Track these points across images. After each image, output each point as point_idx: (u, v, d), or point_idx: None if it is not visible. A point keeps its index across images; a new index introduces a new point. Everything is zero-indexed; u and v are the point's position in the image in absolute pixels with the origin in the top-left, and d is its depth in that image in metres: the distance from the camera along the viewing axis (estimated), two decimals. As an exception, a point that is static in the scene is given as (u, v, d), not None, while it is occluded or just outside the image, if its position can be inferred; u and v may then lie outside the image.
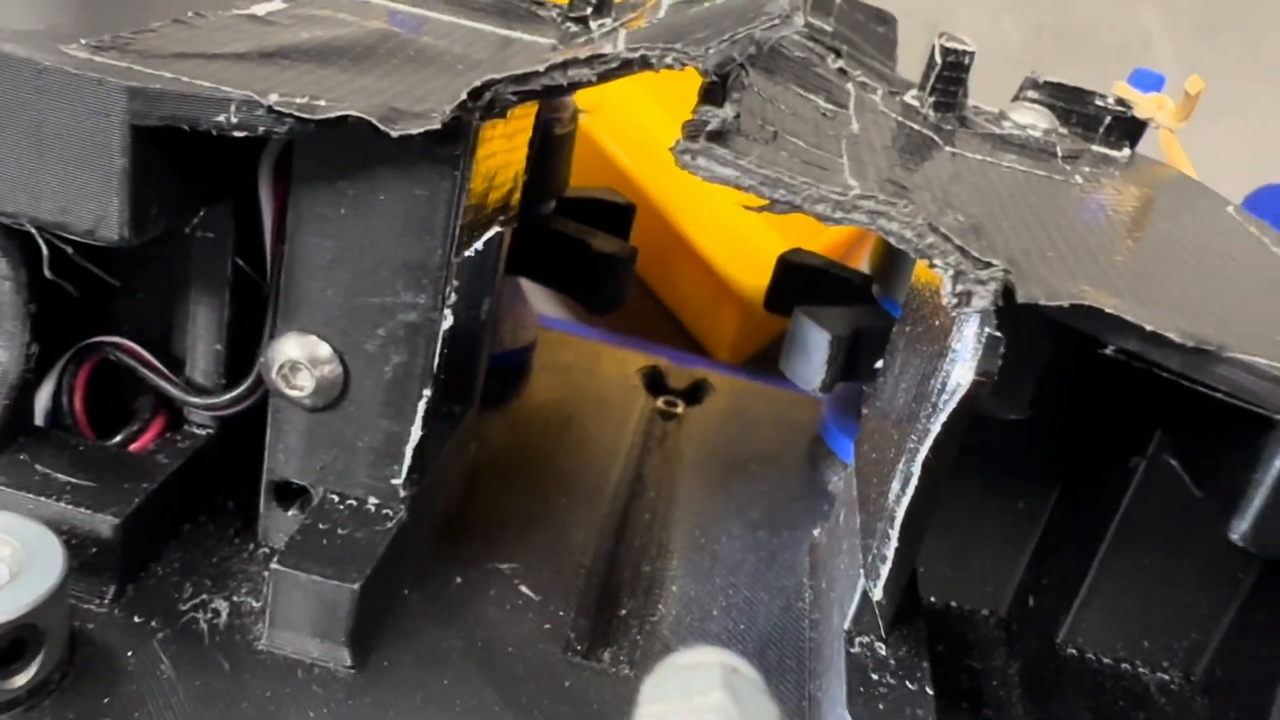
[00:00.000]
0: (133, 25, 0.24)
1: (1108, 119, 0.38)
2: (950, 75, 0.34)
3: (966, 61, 0.34)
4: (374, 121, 0.21)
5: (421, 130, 0.21)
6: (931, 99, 0.34)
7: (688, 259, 0.56)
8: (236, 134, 0.21)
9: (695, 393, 0.42)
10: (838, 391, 0.39)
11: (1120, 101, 0.38)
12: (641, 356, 0.44)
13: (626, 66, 0.20)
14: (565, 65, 0.21)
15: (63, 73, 0.20)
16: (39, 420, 0.27)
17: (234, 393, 0.26)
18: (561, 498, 0.33)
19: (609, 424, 0.38)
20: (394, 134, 0.21)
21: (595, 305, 0.37)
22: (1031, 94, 0.38)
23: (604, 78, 0.21)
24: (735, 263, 0.54)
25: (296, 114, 0.21)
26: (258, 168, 0.25)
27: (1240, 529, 0.21)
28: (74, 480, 0.25)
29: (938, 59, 0.34)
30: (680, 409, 0.41)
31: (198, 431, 0.28)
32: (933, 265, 0.20)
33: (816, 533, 0.34)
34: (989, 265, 0.20)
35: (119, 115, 0.20)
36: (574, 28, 0.34)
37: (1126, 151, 0.37)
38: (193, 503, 0.28)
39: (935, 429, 0.22)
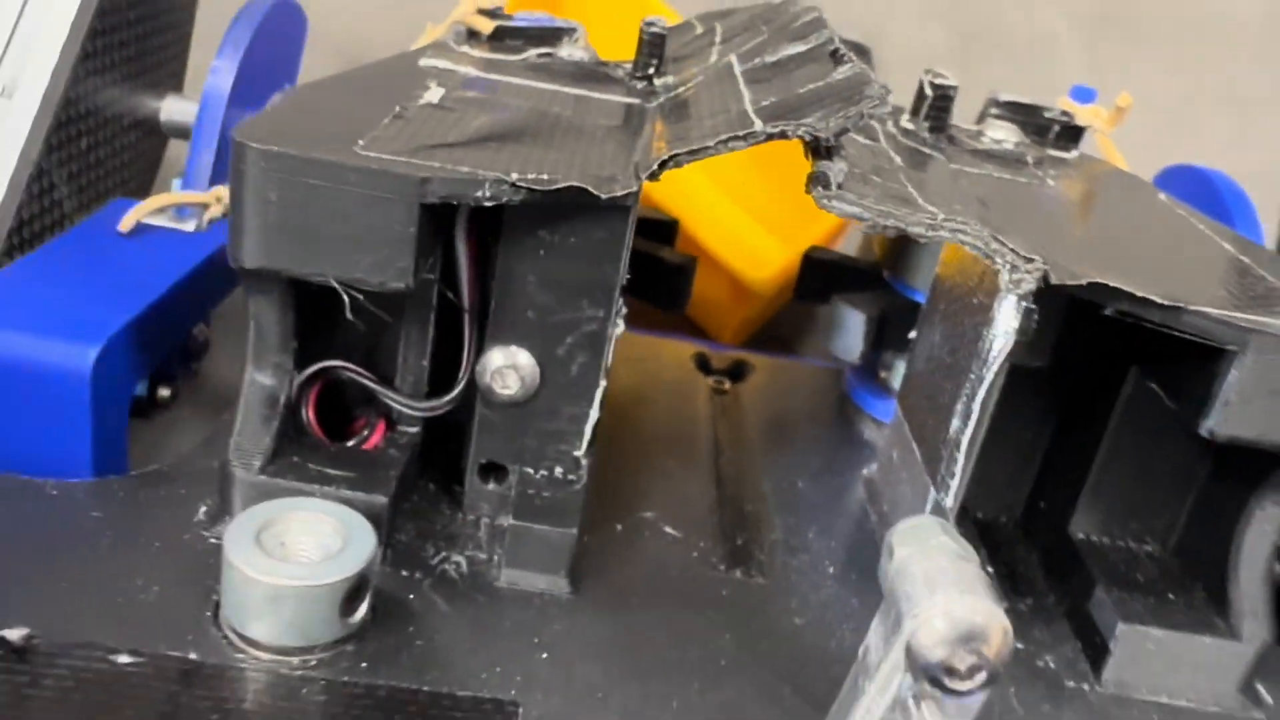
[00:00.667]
0: (358, 125, 0.31)
1: (1056, 127, 0.46)
2: (940, 105, 0.42)
3: (952, 94, 0.42)
4: (590, 189, 0.28)
5: (625, 192, 0.28)
6: (926, 124, 0.42)
7: (692, 252, 0.64)
8: (487, 204, 0.28)
9: (739, 372, 0.50)
10: (863, 362, 0.47)
11: (1064, 112, 0.47)
12: (687, 346, 0.52)
13: (769, 138, 0.28)
14: (727, 140, 0.28)
15: (368, 170, 0.27)
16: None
17: (448, 397, 0.33)
18: (668, 459, 0.41)
19: (681, 400, 0.46)
20: (604, 197, 0.28)
21: (669, 306, 0.45)
22: (995, 111, 0.47)
23: (749, 144, 0.29)
24: (738, 260, 0.62)
25: (532, 186, 0.28)
26: (454, 225, 0.32)
27: (1207, 425, 0.30)
28: (341, 473, 0.32)
29: (929, 92, 0.43)
30: (728, 386, 0.49)
31: (409, 430, 0.35)
32: (995, 263, 0.28)
33: (866, 471, 0.42)
34: (1031, 260, 0.28)
35: (412, 197, 0.27)
36: (641, 84, 0.42)
37: (1075, 153, 0.46)
38: (411, 486, 0.35)
39: (989, 376, 0.31)
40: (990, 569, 0.33)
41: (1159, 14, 0.85)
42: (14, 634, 0.26)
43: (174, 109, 0.51)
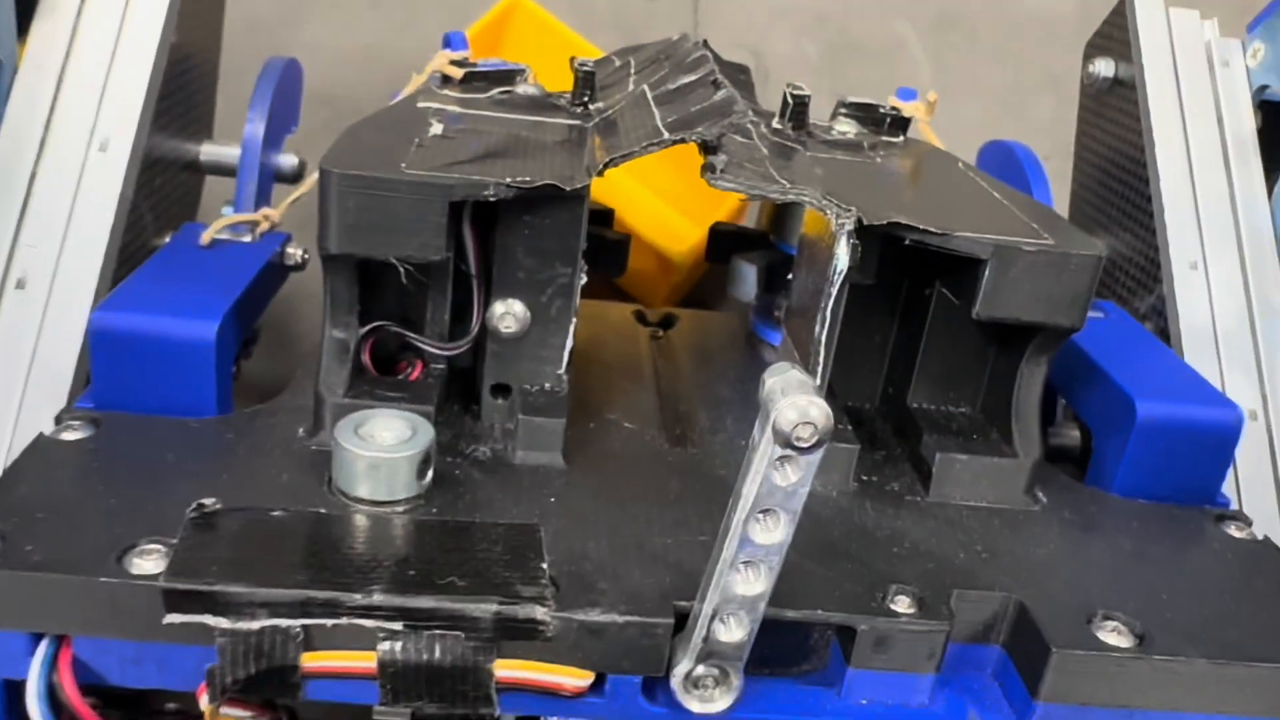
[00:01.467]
0: (396, 153, 0.43)
1: (888, 119, 0.60)
2: (798, 109, 0.56)
3: (807, 101, 0.56)
4: (559, 185, 0.41)
5: (581, 185, 0.42)
6: (790, 124, 0.56)
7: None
8: (491, 199, 0.41)
9: (669, 322, 0.64)
10: (757, 303, 0.61)
11: (894, 108, 0.61)
12: (629, 306, 0.65)
13: (674, 143, 0.42)
14: (646, 145, 0.42)
15: (414, 183, 0.40)
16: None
17: (466, 339, 0.46)
18: (622, 381, 0.54)
19: (628, 343, 0.59)
20: (568, 189, 0.41)
21: (613, 272, 0.58)
22: (843, 110, 0.61)
23: (661, 148, 0.42)
24: (661, 239, 0.76)
25: (521, 185, 0.41)
26: (462, 216, 0.45)
27: (975, 311, 0.43)
28: (402, 394, 0.44)
29: (790, 100, 0.56)
30: (661, 333, 0.63)
31: (438, 367, 0.47)
32: (826, 213, 0.42)
33: (765, 375, 0.56)
34: (849, 209, 0.42)
35: (443, 198, 0.40)
36: (579, 110, 0.55)
37: (901, 138, 0.60)
38: (444, 405, 0.47)
39: (834, 291, 0.44)
40: (853, 430, 0.47)
41: (987, 16, 1.01)
42: (208, 501, 0.38)
43: (212, 152, 0.63)
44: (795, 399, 0.33)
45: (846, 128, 0.57)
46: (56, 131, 0.53)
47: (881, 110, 0.60)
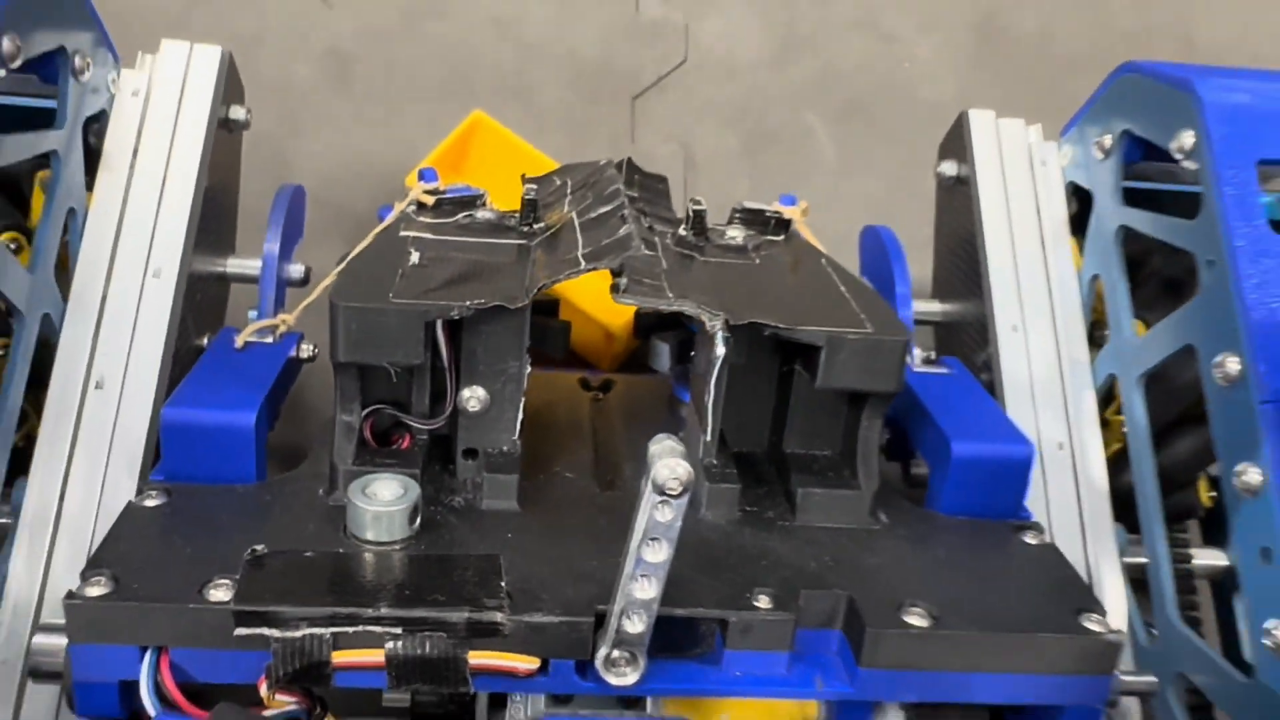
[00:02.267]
0: (385, 284, 0.57)
1: (772, 221, 0.75)
2: (697, 219, 0.70)
3: (704, 213, 0.70)
4: (506, 305, 0.55)
5: (522, 304, 0.55)
6: (691, 231, 0.70)
7: (575, 313, 0.92)
8: (455, 317, 0.55)
9: (607, 387, 0.78)
10: (675, 372, 0.75)
11: (776, 211, 0.76)
12: (574, 375, 0.79)
13: (590, 270, 0.56)
14: (569, 274, 0.56)
15: (399, 310, 0.54)
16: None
17: (443, 417, 0.60)
18: (568, 440, 0.68)
19: (574, 406, 0.73)
20: (513, 308, 0.55)
21: (555, 352, 0.73)
22: (737, 215, 0.75)
23: (579, 275, 0.56)
24: (604, 315, 0.90)
25: (476, 305, 0.55)
26: (435, 328, 0.59)
27: (818, 383, 0.57)
28: (395, 460, 0.58)
29: (691, 212, 0.71)
30: (600, 396, 0.77)
31: (422, 439, 0.61)
32: (699, 317, 0.56)
33: (650, 444, 0.69)
34: (718, 314, 0.56)
35: (421, 318, 0.54)
36: (525, 229, 0.69)
37: (783, 236, 0.74)
38: (427, 467, 0.61)
39: (715, 371, 0.58)
40: (738, 471, 0.61)
41: (883, 105, 1.16)
42: (259, 548, 0.52)
43: (236, 265, 0.77)
44: (668, 461, 0.46)
45: (735, 233, 0.71)
46: (120, 263, 0.67)
47: (767, 214, 0.75)
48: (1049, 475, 0.68)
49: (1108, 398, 0.74)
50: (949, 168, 0.82)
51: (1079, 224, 0.77)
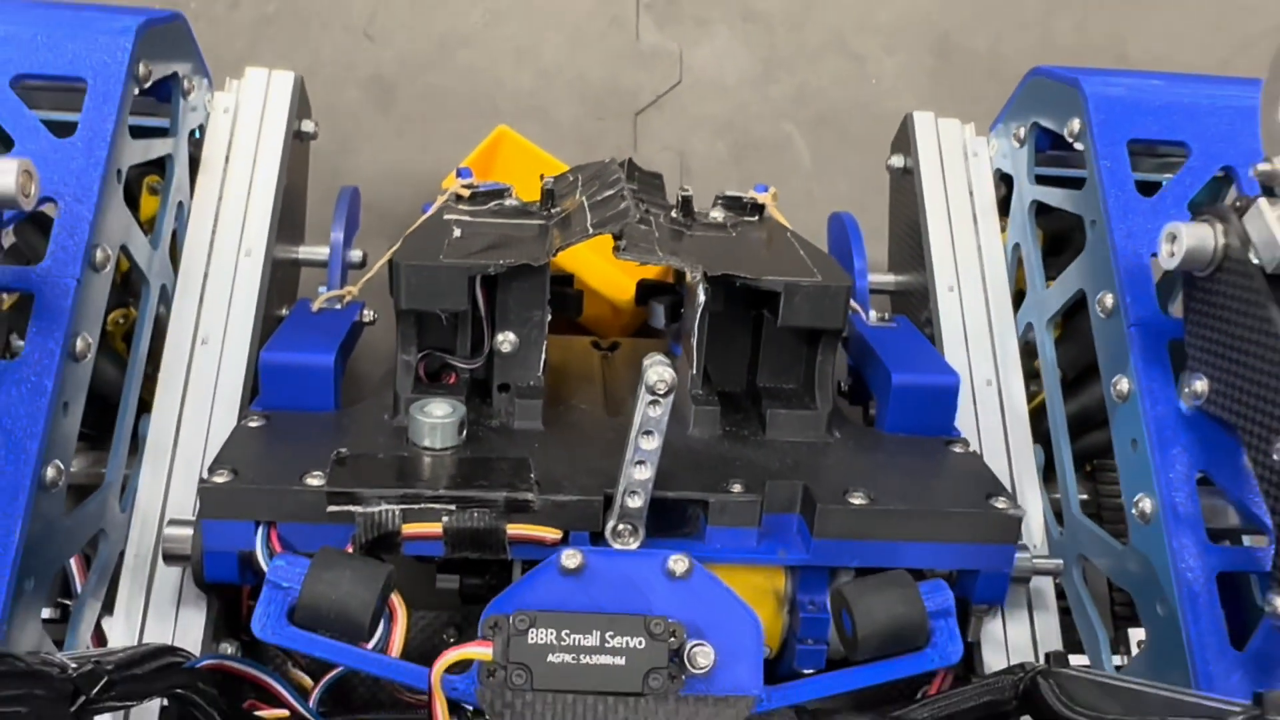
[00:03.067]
0: (437, 248, 0.70)
1: (749, 204, 0.88)
2: (686, 203, 0.83)
3: (691, 199, 0.83)
4: (531, 263, 0.68)
5: (545, 260, 0.69)
6: (681, 214, 0.84)
7: (587, 291, 1.05)
8: (492, 273, 0.68)
9: (614, 347, 0.91)
10: (670, 331, 0.88)
11: (752, 198, 0.89)
12: (587, 338, 0.92)
13: (595, 234, 0.69)
14: (580, 236, 0.69)
15: (450, 266, 0.67)
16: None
17: (482, 356, 0.73)
18: (582, 383, 0.80)
19: (587, 360, 0.86)
20: (535, 264, 0.69)
21: (572, 315, 0.86)
22: (720, 201, 0.88)
23: (590, 238, 0.70)
24: (610, 291, 1.03)
25: (509, 263, 0.68)
26: (476, 284, 0.72)
27: (780, 322, 0.70)
28: (445, 391, 0.71)
29: (680, 199, 0.84)
30: (609, 354, 0.90)
31: (465, 376, 0.74)
32: (687, 269, 0.69)
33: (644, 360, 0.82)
34: (699, 266, 0.69)
35: (465, 274, 0.67)
36: (544, 214, 0.82)
37: (757, 218, 0.87)
38: (470, 398, 0.74)
39: (698, 315, 0.71)
40: (721, 401, 0.74)
41: (854, 116, 1.29)
42: (343, 450, 0.65)
43: (307, 251, 0.91)
44: (656, 369, 0.59)
45: (718, 214, 0.85)
46: (218, 245, 0.80)
47: (745, 199, 0.88)
48: (980, 406, 0.80)
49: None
50: (897, 160, 0.95)
51: (1007, 205, 0.90)
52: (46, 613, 0.67)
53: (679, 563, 0.55)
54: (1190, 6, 1.41)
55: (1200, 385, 0.64)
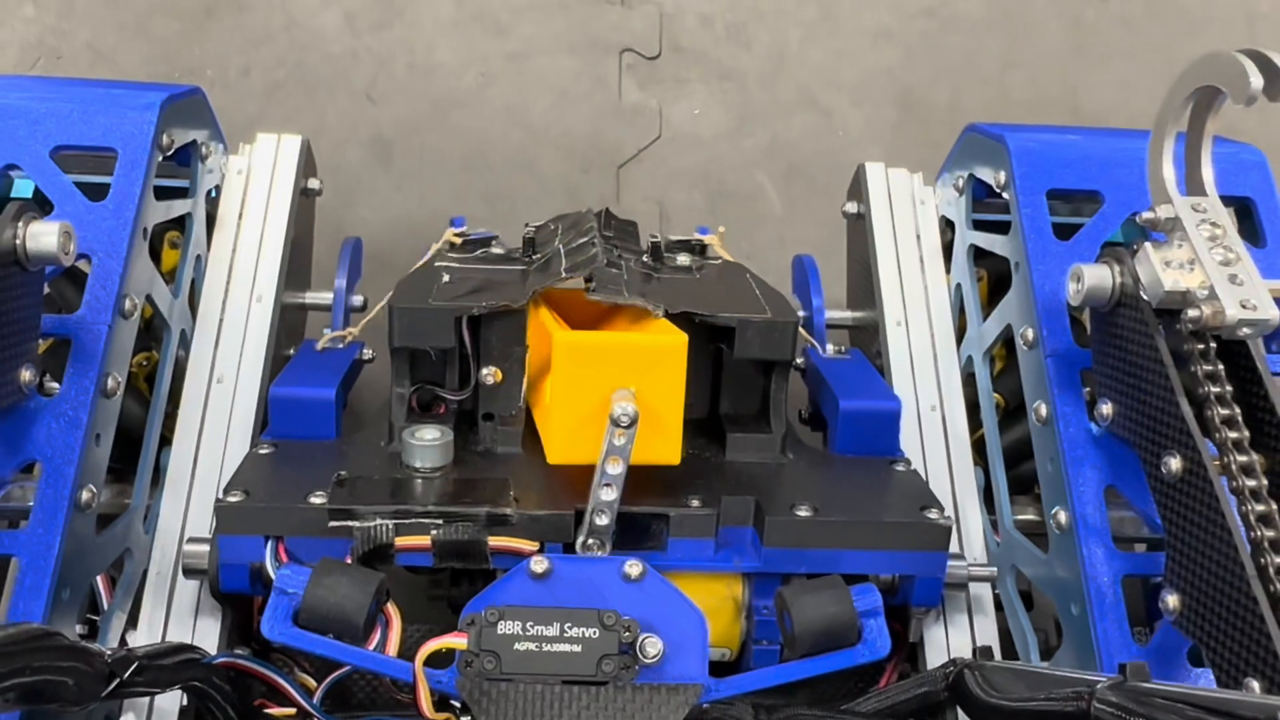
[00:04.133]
0: (427, 292, 0.78)
1: (699, 246, 0.96)
2: (655, 249, 0.91)
3: (660, 244, 0.91)
4: (511, 305, 0.76)
5: (523, 303, 0.76)
6: (651, 257, 0.91)
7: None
8: (477, 314, 0.76)
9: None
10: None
11: (699, 240, 0.96)
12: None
13: (567, 279, 0.77)
14: (555, 281, 0.77)
15: (439, 308, 0.75)
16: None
17: (468, 389, 0.80)
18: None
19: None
20: (517, 305, 0.76)
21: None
22: (676, 245, 0.96)
23: (562, 282, 0.77)
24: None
25: (491, 305, 0.76)
26: (462, 323, 0.79)
27: (736, 354, 0.77)
28: (432, 421, 0.78)
29: (650, 244, 0.92)
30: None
31: (453, 406, 0.81)
32: (646, 307, 0.77)
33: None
34: (660, 305, 0.77)
35: (453, 315, 0.75)
36: (526, 259, 0.90)
37: (718, 260, 0.95)
38: (458, 426, 0.81)
39: (662, 350, 0.79)
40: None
41: (822, 166, 1.38)
42: (343, 474, 0.72)
43: (313, 297, 0.99)
44: (620, 403, 0.67)
45: (681, 258, 0.93)
46: (232, 293, 0.88)
47: (691, 241, 0.95)
48: (925, 431, 0.87)
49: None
50: (851, 206, 1.03)
51: (952, 248, 0.98)
52: (77, 629, 0.74)
53: (634, 567, 0.62)
54: (1139, 59, 1.50)
55: (1106, 409, 0.71)
